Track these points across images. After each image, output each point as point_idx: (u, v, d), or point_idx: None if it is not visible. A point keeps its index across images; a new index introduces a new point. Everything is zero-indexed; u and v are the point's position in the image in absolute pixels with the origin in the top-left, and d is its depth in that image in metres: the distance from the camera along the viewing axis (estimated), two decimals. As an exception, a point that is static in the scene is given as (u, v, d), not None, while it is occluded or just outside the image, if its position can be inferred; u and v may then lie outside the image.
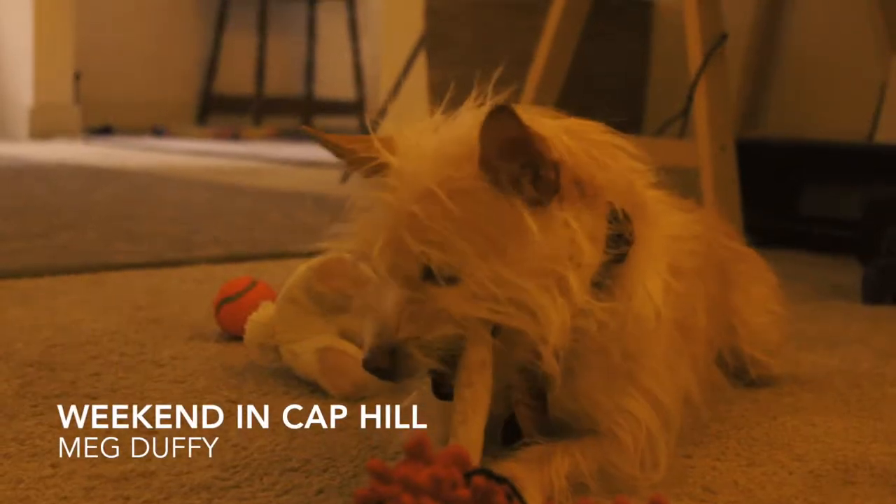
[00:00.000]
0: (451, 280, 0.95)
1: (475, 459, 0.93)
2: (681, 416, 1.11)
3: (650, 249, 1.04)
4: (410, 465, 0.83)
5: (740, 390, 1.41)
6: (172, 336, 1.59)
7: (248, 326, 1.41)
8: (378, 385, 1.12)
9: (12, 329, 1.60)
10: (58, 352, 1.48)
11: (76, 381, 1.34)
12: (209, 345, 1.55)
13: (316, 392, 1.33)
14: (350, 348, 1.34)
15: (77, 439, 1.12)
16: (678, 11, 2.78)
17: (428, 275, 0.96)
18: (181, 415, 1.21)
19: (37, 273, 2.01)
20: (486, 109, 0.97)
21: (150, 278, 2.04)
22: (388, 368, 0.96)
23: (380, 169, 1.01)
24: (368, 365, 0.97)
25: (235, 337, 1.53)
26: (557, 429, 1.05)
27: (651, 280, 1.04)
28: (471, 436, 0.94)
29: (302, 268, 1.37)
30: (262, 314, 1.41)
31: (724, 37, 2.41)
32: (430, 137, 1.00)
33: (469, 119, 1.01)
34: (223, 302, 1.58)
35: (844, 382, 1.49)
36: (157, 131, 6.58)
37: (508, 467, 0.96)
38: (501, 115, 0.93)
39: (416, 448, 0.80)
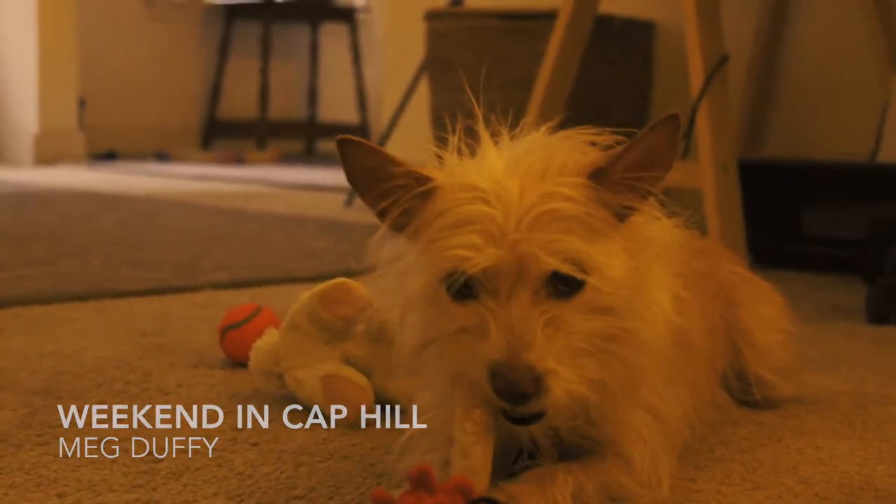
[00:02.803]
0: (573, 288, 0.93)
1: (486, 480, 0.93)
2: (683, 435, 1.11)
3: (656, 257, 1.04)
4: (414, 493, 0.83)
5: (745, 412, 1.41)
6: (178, 363, 1.60)
7: (252, 353, 1.41)
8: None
9: (17, 357, 1.60)
10: (63, 380, 1.48)
11: (82, 410, 1.34)
12: (214, 372, 1.55)
13: (321, 419, 1.33)
14: (354, 375, 1.34)
15: (82, 468, 1.12)
16: (679, 34, 2.79)
17: (551, 286, 0.93)
18: (187, 441, 1.21)
19: (42, 301, 2.02)
20: (568, 132, 0.99)
21: (154, 305, 2.04)
22: (529, 395, 0.91)
23: (423, 197, 0.97)
24: (505, 387, 0.91)
25: (240, 364, 1.54)
26: (568, 446, 1.04)
27: (659, 289, 1.04)
28: (484, 456, 0.94)
29: (306, 295, 1.37)
30: (267, 341, 1.41)
31: (725, 58, 2.42)
32: (503, 158, 0.98)
33: (551, 138, 1.00)
34: (228, 329, 1.58)
35: (849, 404, 1.49)
36: (161, 156, 6.60)
37: (511, 490, 0.96)
38: (667, 127, 0.95)
39: (420, 477, 0.80)
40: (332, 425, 1.30)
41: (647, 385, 1.05)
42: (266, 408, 1.37)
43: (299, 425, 1.19)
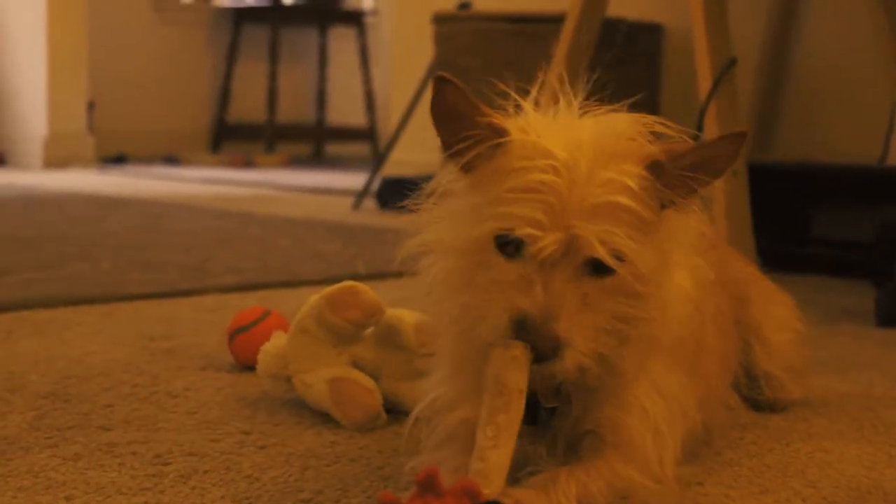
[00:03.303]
0: (607, 270, 0.96)
1: (501, 484, 0.94)
2: (688, 420, 1.12)
3: (679, 249, 1.06)
4: (422, 497, 0.84)
5: (753, 416, 1.41)
6: (185, 366, 1.60)
7: (260, 357, 1.41)
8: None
9: (26, 361, 1.60)
10: (71, 383, 1.48)
11: (90, 413, 1.35)
12: (222, 375, 1.56)
13: (328, 422, 1.33)
14: (362, 378, 1.34)
15: (90, 471, 1.13)
16: (687, 37, 2.79)
17: (588, 264, 0.96)
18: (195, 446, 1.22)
19: (50, 304, 2.02)
20: (636, 115, 1.02)
21: (163, 308, 2.05)
22: (545, 353, 0.95)
23: (496, 148, 0.99)
24: (524, 335, 0.95)
25: (248, 367, 1.54)
26: (574, 415, 1.05)
27: (682, 278, 1.07)
28: (501, 460, 0.95)
29: (313, 298, 1.37)
30: (274, 344, 1.41)
31: (733, 61, 2.41)
32: (577, 129, 1.00)
33: (622, 118, 1.03)
34: (236, 332, 1.59)
35: (858, 407, 1.48)
36: (171, 160, 6.61)
37: (517, 495, 0.96)
38: (738, 142, 0.99)
39: (426, 480, 0.80)
40: (341, 429, 1.30)
41: (658, 365, 1.07)
42: (274, 411, 1.37)
43: (307, 428, 1.20)
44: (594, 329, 0.97)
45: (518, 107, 1.04)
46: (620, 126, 1.02)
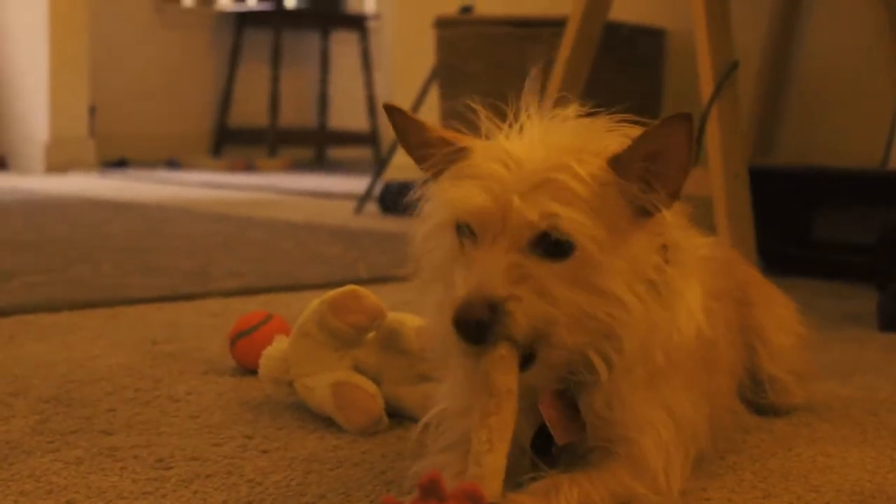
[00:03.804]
0: (558, 254, 0.96)
1: (498, 488, 0.94)
2: (697, 443, 1.11)
3: (687, 264, 1.05)
4: (424, 500, 0.83)
5: (756, 420, 1.41)
6: (188, 371, 1.60)
7: (262, 361, 1.41)
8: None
9: (29, 365, 1.60)
10: (74, 387, 1.48)
11: (92, 417, 1.34)
12: (224, 379, 1.56)
13: (331, 426, 1.33)
14: (364, 382, 1.34)
15: (92, 475, 1.13)
16: (689, 40, 2.79)
17: (536, 246, 0.96)
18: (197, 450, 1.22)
19: (53, 308, 2.02)
20: (605, 117, 1.03)
21: (165, 312, 2.05)
22: (484, 322, 0.94)
23: (458, 157, 1.02)
24: (461, 316, 0.94)
25: (250, 371, 1.54)
26: (588, 435, 1.05)
27: (691, 294, 1.06)
28: (496, 464, 0.95)
29: (315, 302, 1.37)
30: (276, 348, 1.41)
31: (735, 64, 2.41)
32: (539, 131, 1.02)
33: (588, 120, 1.04)
34: (238, 336, 1.59)
35: (861, 411, 1.48)
36: (172, 164, 6.62)
37: (517, 500, 0.96)
38: (681, 124, 0.97)
39: (429, 484, 0.80)
40: (343, 433, 1.30)
41: (667, 385, 1.06)
42: (276, 415, 1.37)
43: (309, 433, 1.20)
44: (547, 310, 0.96)
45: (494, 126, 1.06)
46: (583, 127, 1.03)
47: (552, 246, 0.96)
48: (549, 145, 0.99)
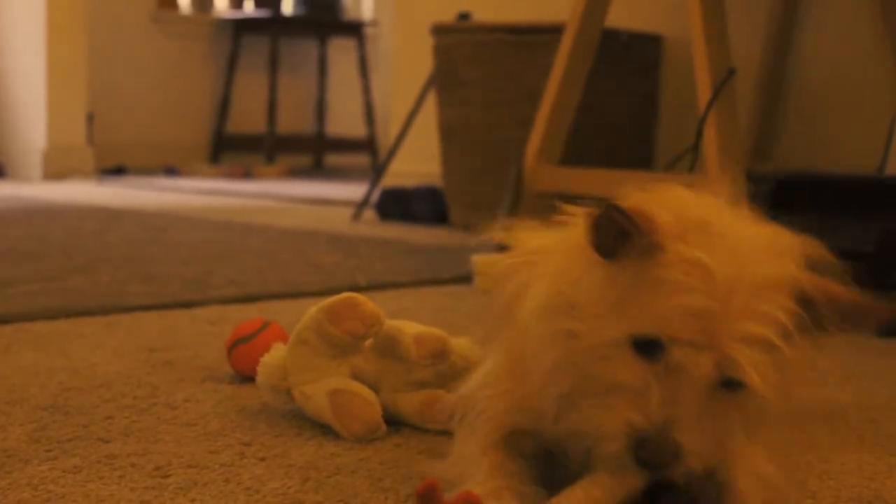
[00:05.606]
0: (733, 387, 0.96)
1: None
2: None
3: None
4: (422, 508, 0.83)
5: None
6: (186, 378, 1.60)
7: (259, 368, 1.41)
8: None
9: (27, 373, 1.60)
10: (72, 395, 1.48)
11: (89, 425, 1.34)
12: (222, 387, 1.56)
13: (328, 434, 1.33)
14: (362, 390, 1.34)
15: (90, 484, 1.12)
16: (687, 47, 2.80)
17: (720, 383, 0.96)
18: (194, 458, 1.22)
19: (51, 316, 2.02)
20: (797, 237, 1.02)
21: (163, 319, 2.05)
22: (663, 466, 0.95)
23: (654, 249, 0.97)
24: (644, 455, 0.94)
25: (248, 378, 1.54)
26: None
27: None
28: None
29: (313, 309, 1.37)
30: (274, 356, 1.41)
31: (732, 71, 2.42)
32: (735, 245, 0.98)
33: (784, 239, 1.03)
34: (236, 343, 1.59)
35: (859, 417, 1.48)
36: (170, 171, 6.62)
37: None
38: (883, 314, 1.00)
39: (427, 492, 0.80)
40: (341, 440, 1.30)
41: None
42: (274, 422, 1.37)
43: (307, 440, 1.19)
44: (709, 440, 0.97)
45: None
46: (780, 247, 1.01)
47: (732, 382, 0.96)
48: (754, 275, 0.96)
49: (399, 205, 4.01)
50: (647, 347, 0.96)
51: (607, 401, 0.97)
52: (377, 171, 4.12)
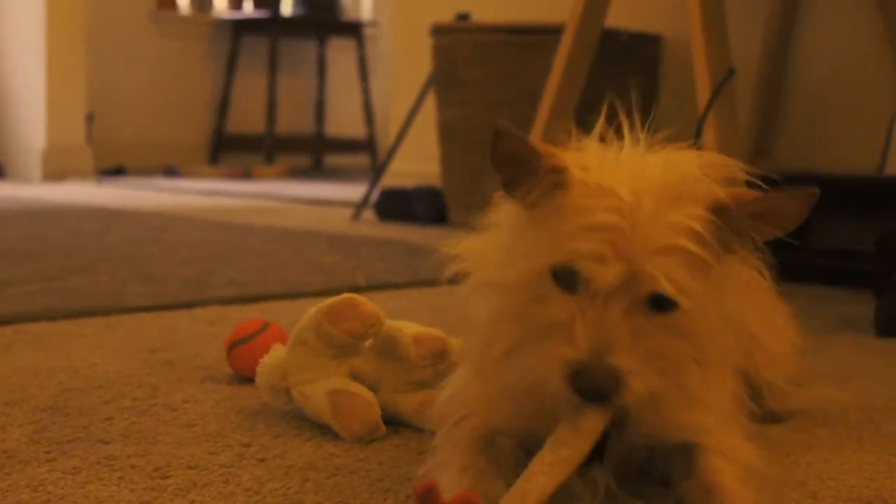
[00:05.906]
0: (664, 308, 0.96)
1: None
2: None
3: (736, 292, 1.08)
4: (422, 509, 0.83)
5: (753, 427, 1.40)
6: (185, 379, 1.60)
7: (259, 369, 1.41)
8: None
9: (26, 374, 1.60)
10: (71, 396, 1.48)
11: (89, 426, 1.34)
12: (222, 387, 1.56)
13: (328, 434, 1.33)
14: (361, 390, 1.34)
15: (90, 485, 1.12)
16: (686, 47, 2.80)
17: (650, 302, 0.96)
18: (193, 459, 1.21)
19: (51, 316, 2.02)
20: (702, 154, 1.02)
21: (163, 320, 2.05)
22: (605, 392, 0.94)
23: (561, 184, 0.99)
24: (582, 382, 0.94)
25: (248, 379, 1.54)
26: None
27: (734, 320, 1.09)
28: (544, 490, 0.94)
29: (312, 310, 1.37)
30: (273, 356, 1.41)
31: (731, 71, 2.42)
32: (641, 167, 1.00)
33: (688, 157, 1.03)
34: (235, 344, 1.59)
35: (858, 417, 1.48)
36: (170, 171, 6.62)
37: None
38: (809, 200, 0.99)
39: (426, 492, 0.80)
40: (340, 441, 1.30)
41: (730, 434, 1.09)
42: (273, 423, 1.37)
43: (306, 441, 1.19)
44: (648, 363, 0.96)
45: (580, 143, 1.04)
46: (686, 166, 1.01)
47: (658, 303, 0.96)
48: (660, 190, 0.97)
49: (398, 205, 4.01)
50: (568, 281, 0.97)
51: (543, 344, 0.98)
52: (377, 171, 4.12)
